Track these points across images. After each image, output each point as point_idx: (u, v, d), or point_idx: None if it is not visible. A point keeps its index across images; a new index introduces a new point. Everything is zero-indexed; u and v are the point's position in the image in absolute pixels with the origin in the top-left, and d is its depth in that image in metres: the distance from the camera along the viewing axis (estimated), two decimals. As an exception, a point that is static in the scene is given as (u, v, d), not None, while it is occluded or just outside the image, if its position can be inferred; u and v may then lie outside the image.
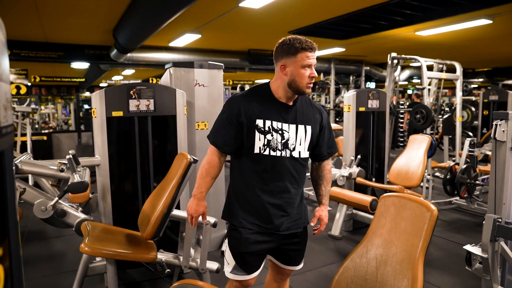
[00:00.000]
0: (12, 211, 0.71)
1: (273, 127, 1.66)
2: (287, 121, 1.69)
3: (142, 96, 2.76)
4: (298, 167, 1.73)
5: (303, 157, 1.73)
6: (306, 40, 1.63)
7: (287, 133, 1.68)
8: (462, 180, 4.15)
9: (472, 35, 7.60)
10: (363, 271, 1.39)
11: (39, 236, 3.98)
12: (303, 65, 1.62)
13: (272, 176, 1.69)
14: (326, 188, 1.85)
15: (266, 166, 1.68)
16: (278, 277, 1.96)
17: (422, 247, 1.26)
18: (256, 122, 1.65)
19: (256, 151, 1.67)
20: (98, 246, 2.15)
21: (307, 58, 1.61)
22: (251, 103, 1.67)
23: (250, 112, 1.66)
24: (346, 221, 3.97)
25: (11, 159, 0.72)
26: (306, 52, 1.61)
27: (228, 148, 1.71)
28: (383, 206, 1.44)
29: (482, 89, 13.35)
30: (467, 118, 7.09)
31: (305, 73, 1.62)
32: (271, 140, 1.66)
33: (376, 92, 4.11)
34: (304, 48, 1.61)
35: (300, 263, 1.89)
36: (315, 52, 1.64)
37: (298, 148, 1.70)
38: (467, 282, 2.89)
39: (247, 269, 1.74)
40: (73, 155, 2.29)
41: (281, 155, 1.68)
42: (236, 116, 1.66)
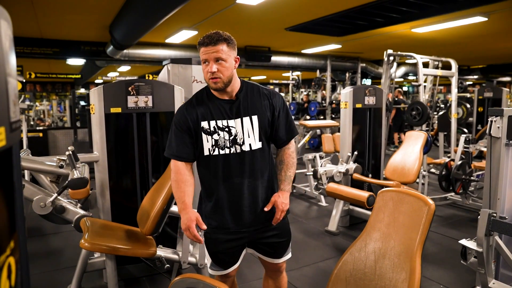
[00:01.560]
0: (19, 206, 0.72)
1: (219, 126, 1.66)
2: (231, 116, 1.67)
3: (140, 92, 2.77)
4: (253, 160, 1.69)
5: (255, 149, 1.69)
6: (205, 35, 1.60)
7: (234, 129, 1.67)
8: (457, 176, 4.20)
9: (468, 33, 7.65)
10: (362, 264, 1.42)
11: (37, 232, 3.98)
12: (202, 61, 1.62)
13: (226, 174, 1.69)
14: (286, 173, 1.76)
15: (218, 166, 1.68)
16: (270, 273, 1.95)
17: (420, 240, 1.28)
18: (202, 125, 1.67)
19: (206, 153, 1.68)
20: (97, 241, 2.16)
21: (202, 53, 1.60)
22: (194, 108, 1.69)
23: (194, 117, 1.67)
24: (343, 216, 4.01)
25: (19, 154, 0.73)
26: (202, 47, 1.59)
27: (185, 155, 1.70)
28: (381, 201, 1.46)
29: (477, 86, 13.44)
30: (462, 114, 7.14)
31: (205, 69, 1.61)
32: (218, 139, 1.67)
33: (372, 88, 4.14)
34: (200, 43, 1.60)
35: (283, 256, 1.85)
36: (215, 45, 1.57)
37: (248, 141, 1.68)
38: (462, 276, 2.94)
39: (222, 265, 1.80)
40: (72, 151, 2.30)
41: (230, 152, 1.67)
42: (184, 123, 1.68)
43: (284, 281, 1.97)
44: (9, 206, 0.65)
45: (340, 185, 3.71)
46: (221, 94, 1.68)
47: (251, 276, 2.94)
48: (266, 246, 1.80)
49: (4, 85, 0.61)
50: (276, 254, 1.83)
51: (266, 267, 1.93)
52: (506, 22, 6.82)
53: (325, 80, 10.61)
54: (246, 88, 1.72)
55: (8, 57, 0.62)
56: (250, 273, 2.96)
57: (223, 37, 1.59)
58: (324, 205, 4.90)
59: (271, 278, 1.96)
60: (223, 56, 1.59)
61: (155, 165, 2.91)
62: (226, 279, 1.87)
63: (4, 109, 0.60)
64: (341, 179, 3.87)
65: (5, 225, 0.61)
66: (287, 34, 7.52)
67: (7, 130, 0.61)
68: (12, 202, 0.67)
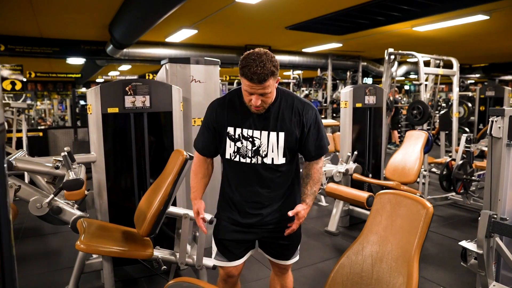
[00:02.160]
0: (3, 210, 0.70)
1: (243, 135, 1.67)
2: (259, 128, 1.66)
3: (137, 92, 2.75)
4: (272, 173, 1.70)
5: (277, 164, 1.69)
6: (252, 67, 1.47)
7: (258, 140, 1.66)
8: (458, 176, 4.17)
9: (469, 31, 7.60)
10: (359, 268, 1.39)
11: (35, 233, 3.97)
12: (244, 89, 1.57)
13: (242, 181, 1.73)
14: (312, 188, 1.74)
15: (236, 171, 1.73)
16: (276, 271, 1.99)
17: (418, 244, 1.26)
18: (228, 130, 1.69)
19: (227, 157, 1.72)
20: (94, 243, 2.14)
21: (246, 85, 1.54)
22: (224, 110, 1.71)
23: (222, 119, 1.70)
24: (342, 217, 3.98)
25: (2, 157, 0.71)
26: (246, 81, 1.52)
27: (207, 152, 1.79)
28: (379, 203, 1.44)
29: (479, 84, 13.38)
30: (464, 113, 7.11)
31: (248, 97, 1.58)
32: (241, 147, 1.68)
33: (373, 88, 4.11)
34: (245, 75, 1.51)
35: (291, 258, 1.88)
36: (262, 84, 1.49)
37: (271, 155, 1.67)
38: (463, 277, 2.91)
39: (227, 255, 1.81)
40: (68, 152, 2.28)
41: (251, 162, 1.68)
42: (212, 122, 1.73)
43: (289, 279, 2.03)
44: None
45: (339, 185, 3.68)
46: None
47: (250, 276, 2.92)
48: (275, 246, 1.84)
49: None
50: (283, 257, 1.87)
51: (272, 265, 1.98)
52: (508, 20, 6.77)
53: (326, 79, 10.58)
54: (280, 100, 1.68)
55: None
56: (249, 274, 2.94)
57: (270, 71, 1.50)
58: (324, 204, 4.88)
59: (277, 276, 2.01)
60: (269, 90, 1.55)
61: (153, 165, 2.88)
62: (228, 279, 1.89)
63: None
64: (340, 179, 3.84)
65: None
66: (288, 32, 7.48)
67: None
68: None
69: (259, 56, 1.49)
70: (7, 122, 7.74)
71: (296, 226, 1.70)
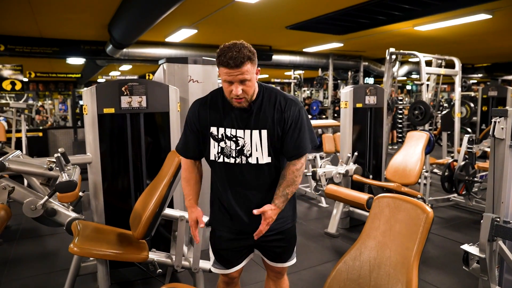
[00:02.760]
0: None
1: (226, 135, 1.61)
2: (241, 127, 1.60)
3: (134, 92, 2.71)
4: (259, 173, 1.64)
5: (262, 163, 1.62)
6: (227, 53, 1.46)
7: (241, 140, 1.60)
8: (460, 177, 4.11)
9: (472, 30, 7.54)
10: (356, 274, 1.35)
11: (32, 234, 3.94)
12: (224, 80, 1.52)
13: (230, 182, 1.66)
14: (284, 190, 1.63)
15: (222, 173, 1.66)
16: (272, 275, 1.93)
17: (417, 250, 1.21)
18: (211, 130, 1.64)
19: (211, 158, 1.66)
20: (88, 246, 2.10)
21: (225, 74, 1.49)
22: (207, 110, 1.65)
23: (205, 119, 1.64)
24: (342, 218, 3.93)
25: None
26: (224, 68, 1.48)
27: (190, 154, 1.73)
28: (377, 207, 1.39)
29: (481, 84, 13.29)
30: (466, 114, 7.05)
31: (228, 88, 1.53)
32: (225, 147, 1.62)
33: (373, 88, 4.06)
34: (222, 63, 1.48)
35: (287, 261, 1.83)
36: (239, 68, 1.45)
37: (255, 154, 1.60)
38: (464, 281, 2.86)
39: (225, 264, 1.79)
40: (62, 153, 2.24)
41: (235, 162, 1.62)
42: (195, 123, 1.67)
43: (286, 284, 1.98)
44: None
45: (339, 187, 3.63)
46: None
47: (248, 279, 2.87)
48: (271, 249, 1.79)
49: None
50: (280, 259, 1.83)
51: (268, 269, 1.92)
52: (511, 19, 6.70)
53: (327, 79, 10.53)
54: (262, 97, 1.62)
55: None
56: (247, 277, 2.90)
57: (247, 55, 1.47)
58: (324, 206, 4.83)
59: (272, 281, 1.96)
60: (248, 77, 1.49)
61: (150, 166, 2.85)
62: (229, 281, 1.87)
63: None
64: (340, 180, 3.79)
65: None
66: (288, 32, 7.43)
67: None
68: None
69: (233, 44, 1.49)
70: (7, 122, 7.73)
71: (263, 227, 1.60)
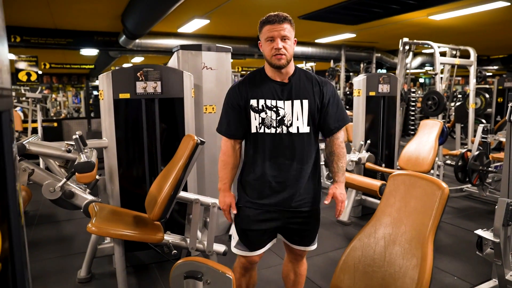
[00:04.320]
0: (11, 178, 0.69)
1: (267, 105, 1.69)
2: (282, 98, 1.70)
3: (149, 78, 2.74)
4: (298, 142, 1.71)
5: (302, 132, 1.71)
6: (270, 14, 1.64)
7: (282, 110, 1.69)
8: (474, 167, 4.07)
9: (488, 19, 7.39)
10: (371, 250, 1.36)
11: (50, 219, 4.03)
12: (266, 39, 1.64)
13: (271, 153, 1.72)
14: (338, 165, 1.76)
15: (264, 144, 1.72)
16: (292, 257, 1.97)
17: (432, 225, 1.22)
18: (251, 103, 1.71)
19: (253, 131, 1.73)
20: (105, 226, 2.15)
21: (268, 31, 1.62)
22: (246, 87, 1.74)
23: (245, 95, 1.72)
24: (355, 206, 3.94)
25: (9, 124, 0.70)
26: (267, 25, 1.62)
27: (234, 132, 1.77)
28: (392, 185, 1.40)
29: (497, 77, 13.05)
30: (481, 105, 6.94)
31: (269, 46, 1.64)
32: (265, 118, 1.70)
33: (386, 76, 4.03)
34: (265, 21, 1.63)
35: (310, 245, 1.87)
36: (281, 24, 1.61)
37: (296, 123, 1.69)
38: (478, 268, 2.85)
39: (249, 245, 1.80)
40: (80, 136, 2.29)
41: (276, 132, 1.69)
42: (237, 100, 1.74)
43: (304, 267, 2.02)
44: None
45: (352, 174, 3.63)
46: (275, 75, 1.71)
47: (261, 264, 2.89)
48: (296, 232, 1.82)
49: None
50: (303, 242, 1.86)
51: (289, 251, 1.96)
52: (529, 9, 6.56)
53: (339, 71, 10.45)
54: (299, 73, 1.74)
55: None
56: (260, 262, 2.91)
57: (288, 17, 1.64)
58: (336, 195, 4.83)
59: (290, 262, 2.00)
60: (288, 35, 1.63)
61: (164, 151, 2.88)
62: (248, 266, 1.88)
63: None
64: (353, 168, 3.79)
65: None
66: (301, 22, 7.39)
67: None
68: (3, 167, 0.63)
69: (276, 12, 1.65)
70: (23, 112, 7.88)
71: (340, 207, 1.74)
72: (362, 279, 1.35)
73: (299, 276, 2.01)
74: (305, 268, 2.03)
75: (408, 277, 1.21)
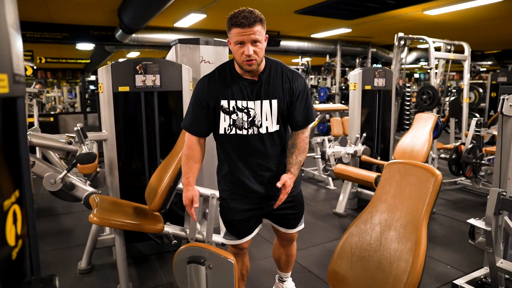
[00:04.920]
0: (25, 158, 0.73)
1: (238, 107, 1.66)
2: (252, 98, 1.66)
3: (148, 71, 2.77)
4: (269, 142, 1.72)
5: (272, 132, 1.71)
6: (240, 14, 1.52)
7: (252, 111, 1.67)
8: (468, 160, 4.14)
9: (482, 15, 7.46)
10: (368, 236, 1.41)
11: (48, 212, 4.06)
12: (235, 42, 1.56)
13: (241, 153, 1.73)
14: (297, 157, 1.73)
15: (234, 145, 1.72)
16: (281, 241, 2.04)
17: (426, 210, 1.27)
18: (221, 103, 1.67)
19: (221, 132, 1.71)
20: (106, 216, 2.19)
21: (237, 34, 1.53)
22: (216, 84, 1.68)
23: (215, 93, 1.67)
24: (350, 199, 4.00)
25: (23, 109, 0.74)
26: (236, 28, 1.52)
27: (199, 130, 1.74)
28: (388, 173, 1.45)
29: (491, 72, 13.15)
30: (474, 99, 7.02)
31: (239, 50, 1.56)
32: (237, 119, 1.67)
33: (382, 70, 4.08)
34: (234, 23, 1.53)
35: (297, 226, 1.93)
36: (251, 27, 1.51)
37: (265, 123, 1.69)
38: (470, 258, 2.92)
39: (237, 234, 1.85)
40: (81, 128, 2.32)
41: (247, 133, 1.69)
42: (205, 98, 1.68)
43: (293, 249, 2.10)
44: (14, 157, 0.66)
45: (348, 166, 3.69)
46: (245, 73, 1.66)
47: (258, 255, 2.96)
48: (281, 217, 1.87)
49: (5, 35, 0.61)
50: (290, 225, 1.91)
51: (278, 236, 2.02)
52: (523, 4, 6.63)
53: (334, 66, 10.49)
54: (270, 69, 1.69)
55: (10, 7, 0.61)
56: (257, 252, 2.99)
57: (258, 17, 1.54)
58: (332, 188, 4.90)
59: (282, 246, 2.07)
60: (259, 38, 1.55)
61: (163, 144, 2.92)
62: (239, 252, 1.93)
63: (6, 58, 0.61)
64: (349, 160, 3.85)
65: (8, 174, 0.62)
66: (297, 17, 7.42)
67: (9, 79, 0.61)
68: (17, 154, 0.67)
69: (244, 8, 1.56)
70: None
71: (284, 196, 1.69)
72: (358, 263, 1.40)
73: (290, 257, 2.12)
74: (295, 248, 2.12)
75: (403, 260, 1.26)
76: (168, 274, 2.69)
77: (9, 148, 0.63)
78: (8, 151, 0.63)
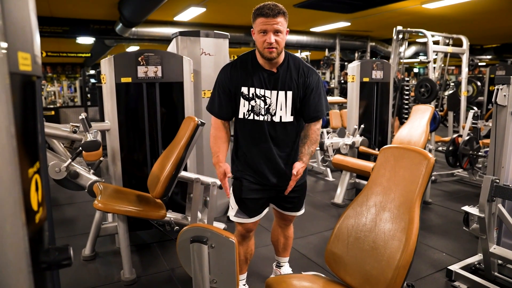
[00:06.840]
0: (41, 135, 0.79)
1: (256, 94, 1.80)
2: (269, 87, 1.79)
3: (150, 62, 2.82)
4: (280, 130, 1.84)
5: (285, 121, 1.83)
6: (265, 6, 1.67)
7: (269, 99, 1.80)
8: (465, 152, 4.21)
9: (481, 8, 7.48)
10: (363, 217, 1.47)
11: (52, 202, 4.12)
12: (259, 31, 1.69)
13: (256, 138, 1.86)
14: (309, 148, 1.86)
15: (250, 129, 1.85)
16: (281, 223, 2.17)
17: (419, 192, 1.33)
18: (242, 90, 1.81)
19: (240, 116, 1.85)
20: (110, 202, 2.25)
21: (261, 23, 1.67)
22: (237, 72, 1.82)
23: (236, 80, 1.81)
24: (349, 189, 4.06)
25: (40, 88, 0.79)
26: (261, 18, 1.67)
27: (225, 114, 1.87)
28: (383, 157, 1.51)
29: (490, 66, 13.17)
30: (472, 92, 7.07)
31: (261, 39, 1.70)
32: (255, 106, 1.81)
33: (380, 63, 4.12)
34: (259, 13, 1.67)
35: (299, 210, 2.08)
36: (275, 17, 1.65)
37: (279, 113, 1.81)
38: (465, 245, 2.99)
39: (248, 212, 1.95)
40: (85, 117, 2.37)
41: (262, 120, 1.82)
42: (228, 84, 1.83)
43: (291, 231, 2.24)
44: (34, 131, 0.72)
45: (346, 157, 3.75)
46: (265, 64, 1.79)
47: (259, 242, 3.02)
48: (286, 202, 2.00)
49: (28, 19, 0.67)
50: (294, 208, 2.05)
51: (279, 217, 2.15)
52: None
53: (334, 60, 10.52)
54: (288, 62, 1.82)
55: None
56: (257, 241, 3.04)
57: (282, 10, 1.68)
58: (330, 179, 4.96)
59: (280, 227, 2.21)
60: (281, 29, 1.69)
61: (165, 134, 2.97)
62: (246, 234, 2.02)
63: (29, 39, 0.66)
64: (347, 151, 3.90)
65: (30, 145, 0.68)
66: (296, 11, 7.44)
67: (32, 59, 0.67)
68: (36, 128, 0.73)
69: (270, 2, 1.71)
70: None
71: (294, 183, 1.81)
72: (354, 243, 1.47)
73: (288, 239, 2.25)
74: (292, 231, 2.26)
75: (396, 239, 1.32)
76: (169, 261, 2.76)
77: (30, 122, 0.69)
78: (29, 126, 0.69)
